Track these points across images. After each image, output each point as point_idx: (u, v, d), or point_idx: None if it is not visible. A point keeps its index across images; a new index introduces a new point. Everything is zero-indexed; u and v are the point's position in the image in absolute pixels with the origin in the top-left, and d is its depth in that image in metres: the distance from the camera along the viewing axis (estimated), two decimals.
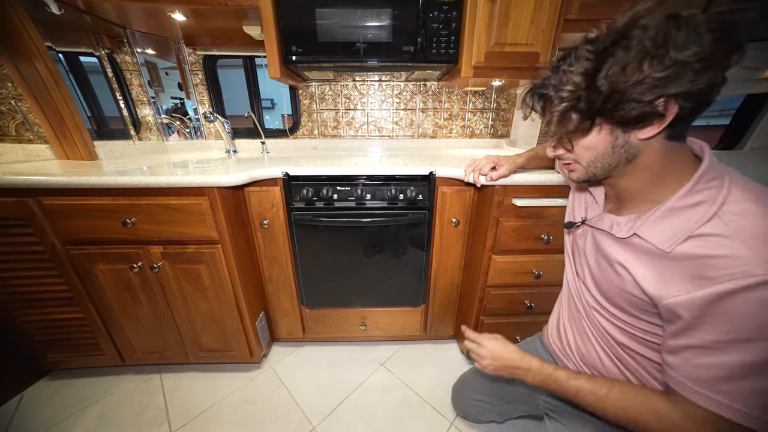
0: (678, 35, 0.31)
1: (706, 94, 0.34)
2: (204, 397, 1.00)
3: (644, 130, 0.37)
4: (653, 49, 0.32)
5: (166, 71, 1.35)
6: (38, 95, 0.93)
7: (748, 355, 0.32)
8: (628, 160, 0.40)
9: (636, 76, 0.33)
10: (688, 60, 0.31)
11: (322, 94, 1.41)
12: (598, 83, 0.35)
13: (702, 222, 0.36)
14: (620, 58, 0.34)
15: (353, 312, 1.12)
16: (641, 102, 0.34)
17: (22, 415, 0.93)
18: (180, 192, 0.81)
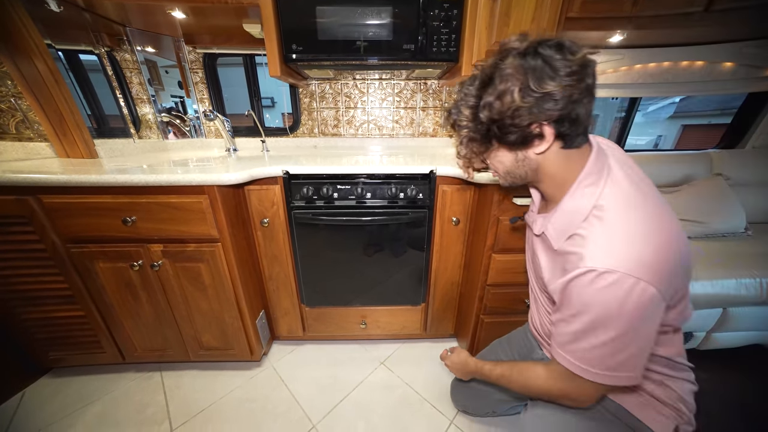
0: (538, 71, 0.38)
1: (575, 115, 0.40)
2: (204, 395, 1.00)
3: (534, 147, 0.44)
4: (521, 85, 0.39)
5: (166, 69, 1.35)
6: (38, 93, 0.93)
7: (577, 325, 0.43)
8: (534, 170, 0.48)
9: (508, 107, 0.40)
10: (549, 90, 0.38)
11: (322, 92, 1.41)
12: (481, 114, 0.44)
13: (579, 223, 0.44)
14: (493, 91, 0.41)
15: (353, 311, 1.12)
16: (519, 127, 0.42)
17: (23, 412, 0.94)
18: (180, 190, 0.81)
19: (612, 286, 0.38)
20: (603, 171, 0.44)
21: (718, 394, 1.03)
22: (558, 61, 0.38)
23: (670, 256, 0.38)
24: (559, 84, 0.38)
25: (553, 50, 0.39)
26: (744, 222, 1.30)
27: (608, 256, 0.39)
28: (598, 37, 1.13)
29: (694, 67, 1.31)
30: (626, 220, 0.40)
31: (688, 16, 0.96)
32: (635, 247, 0.38)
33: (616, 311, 0.38)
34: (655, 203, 0.42)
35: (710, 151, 1.52)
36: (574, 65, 0.38)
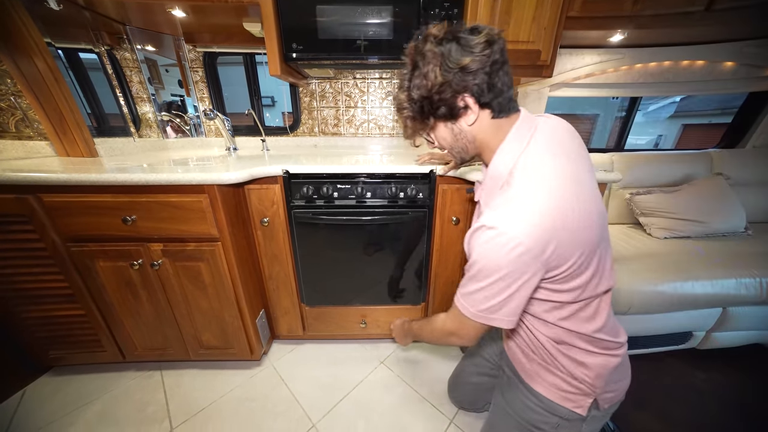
0: (453, 50, 0.44)
1: (493, 84, 0.46)
2: (204, 394, 1.00)
3: (464, 118, 0.49)
4: (440, 63, 0.45)
5: (166, 68, 1.35)
6: (38, 92, 0.93)
7: (469, 271, 0.49)
8: (472, 142, 0.52)
9: (433, 84, 0.46)
10: (465, 64, 0.44)
11: (322, 91, 1.41)
12: (413, 95, 0.49)
13: (498, 189, 0.50)
14: (419, 73, 0.47)
15: (353, 310, 1.12)
16: (445, 101, 0.47)
17: (24, 410, 0.94)
18: (180, 189, 0.81)
19: (491, 240, 0.44)
20: (524, 140, 0.49)
21: (717, 393, 1.03)
22: (469, 40, 0.44)
23: (555, 224, 0.42)
24: (472, 58, 0.43)
25: (465, 32, 0.45)
26: (744, 221, 1.30)
27: (497, 215, 0.45)
28: (599, 36, 1.13)
29: (694, 67, 1.31)
30: (525, 186, 0.45)
31: (689, 15, 0.96)
32: (521, 209, 0.43)
33: (493, 262, 0.45)
34: (565, 177, 0.45)
35: (710, 150, 1.52)
36: (482, 42, 0.44)
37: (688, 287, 1.01)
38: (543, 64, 0.99)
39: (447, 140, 0.53)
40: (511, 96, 0.48)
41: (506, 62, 0.46)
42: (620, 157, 1.49)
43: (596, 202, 0.47)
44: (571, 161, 0.48)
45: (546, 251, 0.43)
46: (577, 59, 1.30)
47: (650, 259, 1.13)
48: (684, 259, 1.12)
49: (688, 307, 1.04)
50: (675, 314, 1.06)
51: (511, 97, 0.48)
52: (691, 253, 1.15)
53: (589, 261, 0.47)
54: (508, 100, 0.48)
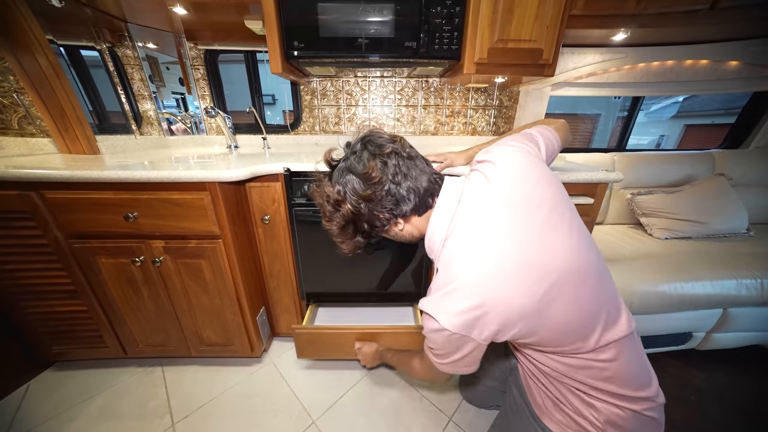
0: (353, 184, 0.50)
1: (401, 196, 0.50)
2: (205, 390, 1.01)
3: (393, 228, 0.55)
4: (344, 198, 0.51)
5: (167, 66, 1.35)
6: (40, 88, 0.93)
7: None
8: (413, 234, 0.56)
9: (348, 214, 0.51)
10: (367, 195, 0.49)
11: (323, 89, 1.41)
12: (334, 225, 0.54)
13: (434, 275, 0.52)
14: (337, 210, 0.52)
15: (349, 334, 0.99)
16: (362, 226, 0.53)
17: (28, 404, 0.95)
18: (181, 187, 0.81)
19: (426, 321, 0.48)
20: (446, 221, 0.50)
21: (717, 394, 1.03)
22: (363, 169, 0.48)
23: (485, 308, 0.42)
24: (373, 190, 0.48)
25: (353, 159, 0.50)
26: (746, 222, 1.29)
27: (428, 302, 0.47)
28: (602, 35, 1.12)
29: (698, 66, 1.30)
30: (450, 273, 0.46)
31: (693, 13, 0.95)
32: (445, 300, 0.45)
33: (432, 339, 0.48)
34: (503, 246, 0.43)
35: (713, 151, 1.51)
36: (376, 166, 0.48)
37: (689, 288, 1.01)
38: (545, 63, 0.99)
39: (390, 236, 0.58)
40: (425, 187, 0.50)
41: (412, 160, 0.50)
42: (621, 157, 1.49)
43: (564, 254, 0.42)
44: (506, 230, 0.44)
45: (476, 332, 0.43)
46: (580, 58, 1.29)
47: (651, 260, 1.13)
48: (685, 259, 1.12)
49: (688, 307, 1.04)
50: (675, 315, 1.06)
51: (425, 188, 0.51)
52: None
53: (574, 324, 0.43)
54: (423, 195, 0.51)
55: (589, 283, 0.44)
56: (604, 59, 1.28)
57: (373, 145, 0.50)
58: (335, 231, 0.54)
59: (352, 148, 0.52)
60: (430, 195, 0.51)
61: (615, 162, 1.48)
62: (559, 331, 0.44)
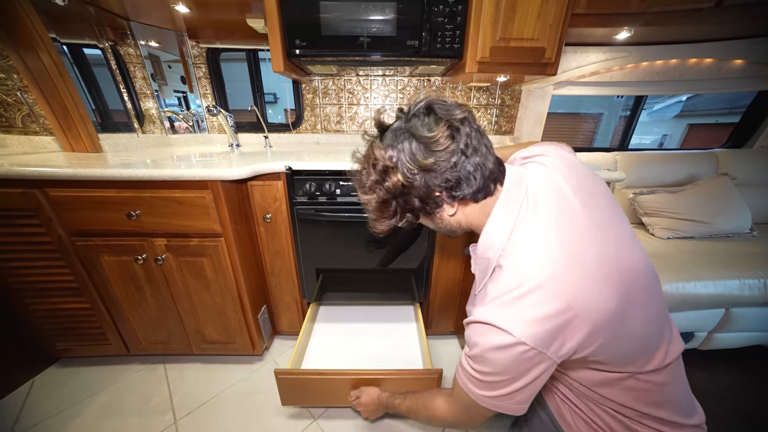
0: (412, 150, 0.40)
1: (465, 175, 0.41)
2: (207, 388, 1.02)
3: (441, 212, 0.45)
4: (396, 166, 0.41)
5: (169, 64, 1.35)
6: (43, 87, 0.94)
7: (469, 352, 0.43)
8: (459, 226, 0.48)
9: (396, 189, 0.42)
10: (428, 165, 0.40)
11: (325, 88, 1.40)
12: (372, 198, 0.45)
13: (488, 271, 0.44)
14: (382, 180, 0.43)
15: (340, 380, 0.86)
16: (412, 206, 0.44)
17: (33, 400, 0.96)
18: (184, 185, 0.81)
19: (488, 337, 0.38)
20: (512, 215, 0.42)
21: (718, 394, 1.03)
22: (429, 138, 0.39)
23: (565, 315, 0.34)
24: (436, 159, 0.39)
25: (421, 122, 0.40)
26: (749, 222, 1.29)
27: (490, 310, 0.38)
28: (605, 33, 1.11)
29: (702, 65, 1.29)
30: (519, 274, 0.38)
31: (697, 12, 0.94)
32: (516, 304, 0.36)
33: (492, 362, 0.38)
34: (573, 249, 0.37)
35: (716, 150, 1.50)
36: (444, 135, 0.39)
37: (691, 288, 1.01)
38: (547, 62, 0.98)
39: (429, 225, 0.51)
40: (491, 168, 0.42)
41: (482, 134, 0.41)
42: (624, 157, 1.48)
43: (630, 249, 0.38)
44: (582, 219, 0.39)
45: (555, 347, 0.35)
46: (582, 57, 1.28)
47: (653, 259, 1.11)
48: (687, 259, 1.11)
49: (690, 307, 1.04)
50: (677, 314, 1.06)
51: (491, 169, 0.42)
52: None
53: (650, 335, 0.38)
54: (488, 177, 0.42)
55: (656, 286, 0.39)
56: (607, 58, 1.28)
57: (442, 108, 0.40)
58: (373, 206, 0.45)
59: (412, 110, 0.42)
60: (493, 180, 0.43)
61: (617, 161, 1.48)
62: (633, 345, 0.38)
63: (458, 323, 1.19)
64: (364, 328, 1.11)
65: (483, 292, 0.43)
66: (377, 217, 0.47)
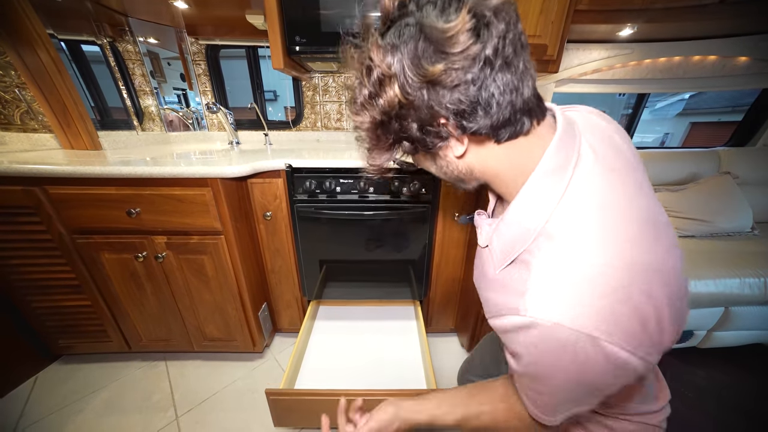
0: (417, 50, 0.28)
1: (485, 99, 0.29)
2: (208, 384, 1.02)
3: (447, 151, 0.34)
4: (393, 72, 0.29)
5: (168, 61, 1.34)
6: (41, 83, 0.93)
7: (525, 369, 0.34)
8: (470, 172, 0.36)
9: (389, 104, 0.30)
10: (434, 77, 0.27)
11: (325, 85, 1.40)
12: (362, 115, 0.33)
13: (527, 241, 0.32)
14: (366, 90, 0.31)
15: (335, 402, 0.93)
16: (407, 129, 0.32)
17: (37, 396, 0.97)
18: (183, 183, 0.81)
19: (557, 343, 0.28)
20: (567, 166, 0.31)
21: (716, 392, 1.04)
22: (442, 30, 0.25)
23: (656, 304, 0.27)
24: (447, 64, 0.26)
25: (432, 8, 0.27)
26: (751, 221, 1.28)
27: (551, 301, 0.28)
28: (608, 30, 1.10)
29: (706, 62, 1.28)
30: (591, 243, 0.28)
31: (703, 8, 0.93)
32: (589, 289, 0.27)
33: (564, 375, 0.30)
34: (640, 214, 0.30)
35: (718, 149, 1.50)
36: (465, 29, 0.25)
37: (691, 286, 1.01)
38: (549, 59, 0.97)
39: (431, 168, 0.39)
40: (527, 97, 0.30)
41: (519, 47, 0.28)
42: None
43: (674, 244, 0.30)
44: (638, 195, 0.31)
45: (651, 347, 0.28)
46: (584, 54, 1.27)
47: None
48: (688, 258, 1.11)
49: (690, 306, 1.04)
50: None
51: (526, 99, 0.30)
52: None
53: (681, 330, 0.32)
54: (521, 109, 0.30)
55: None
56: (609, 55, 1.27)
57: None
58: (366, 128, 0.34)
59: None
60: (528, 114, 0.31)
61: None
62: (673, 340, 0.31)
63: (458, 321, 1.19)
64: (365, 326, 1.12)
65: (519, 272, 0.32)
66: (372, 145, 0.36)
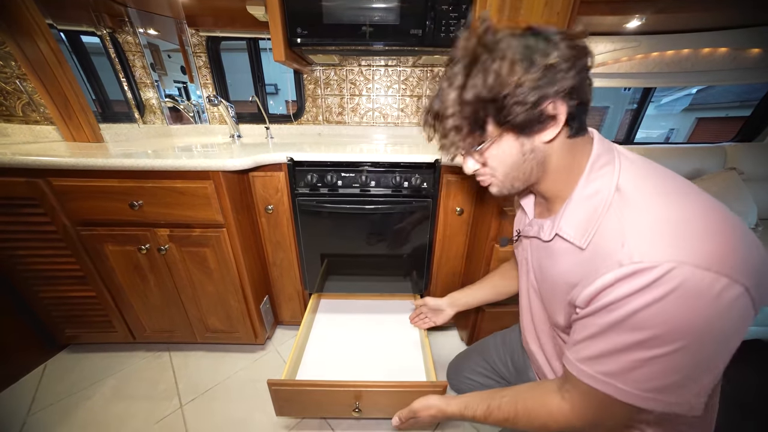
0: (538, 44, 0.34)
1: (583, 91, 0.36)
2: (211, 375, 1.04)
3: (544, 132, 0.37)
4: (521, 57, 0.34)
5: (168, 54, 1.33)
6: (42, 74, 0.93)
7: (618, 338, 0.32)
8: (541, 165, 0.41)
9: (505, 81, 0.34)
10: (554, 62, 0.33)
11: (327, 79, 1.38)
12: (467, 96, 0.36)
13: (603, 211, 0.36)
14: (481, 69, 0.35)
15: (342, 393, 0.82)
16: (525, 104, 0.34)
17: (46, 382, 1.00)
18: (185, 175, 0.81)
19: (673, 287, 0.27)
20: (612, 150, 0.40)
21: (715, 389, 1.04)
22: (550, 34, 0.35)
23: (746, 243, 0.28)
24: (560, 54, 0.33)
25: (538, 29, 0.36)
26: (755, 218, 1.27)
27: (666, 245, 0.28)
28: (615, 22, 1.08)
29: (716, 55, 1.25)
30: (671, 199, 0.32)
31: None
32: (698, 231, 0.28)
33: (687, 321, 0.27)
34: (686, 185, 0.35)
35: (725, 144, 1.48)
36: (569, 40, 0.34)
37: None
38: None
39: (508, 161, 0.40)
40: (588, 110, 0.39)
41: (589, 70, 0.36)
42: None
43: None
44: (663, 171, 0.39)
45: (761, 289, 0.28)
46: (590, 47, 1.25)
47: None
48: None
49: None
50: None
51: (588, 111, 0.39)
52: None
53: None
54: (586, 114, 0.39)
55: None
56: (615, 48, 1.24)
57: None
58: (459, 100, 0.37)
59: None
60: (585, 123, 0.39)
61: None
62: None
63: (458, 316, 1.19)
64: (366, 320, 1.13)
65: (606, 234, 0.35)
66: (453, 125, 0.38)
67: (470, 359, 0.87)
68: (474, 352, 0.86)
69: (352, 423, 0.88)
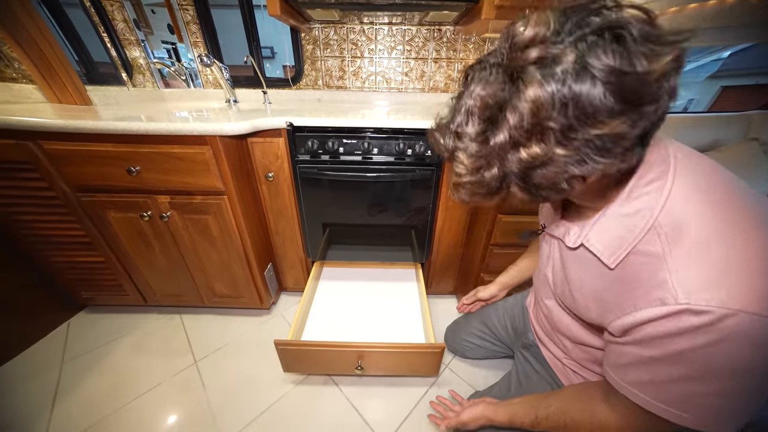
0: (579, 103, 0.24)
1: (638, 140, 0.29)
2: (221, 335, 1.10)
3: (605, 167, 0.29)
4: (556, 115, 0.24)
5: (152, 9, 1.22)
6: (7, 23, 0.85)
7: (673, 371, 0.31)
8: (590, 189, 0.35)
9: (534, 159, 0.27)
10: (603, 132, 0.25)
11: (326, 38, 1.28)
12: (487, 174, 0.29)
13: (640, 233, 0.32)
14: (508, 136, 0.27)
15: (345, 352, 0.86)
16: (551, 181, 0.28)
17: (72, 336, 1.08)
18: (182, 140, 0.78)
19: (733, 338, 0.26)
20: (667, 160, 0.32)
21: None
22: (636, 72, 0.23)
23: None
24: (622, 121, 0.24)
25: (610, 57, 0.22)
26: None
27: (718, 287, 0.26)
28: None
29: None
30: (728, 230, 0.28)
31: None
32: (756, 271, 0.26)
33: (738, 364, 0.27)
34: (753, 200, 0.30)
35: (750, 112, 1.38)
36: (659, 74, 0.23)
37: None
38: None
39: (523, 201, 0.34)
40: None
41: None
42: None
43: None
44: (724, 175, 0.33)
45: None
46: None
47: None
48: None
49: None
50: None
51: None
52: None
53: None
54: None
55: None
56: (647, 0, 1.11)
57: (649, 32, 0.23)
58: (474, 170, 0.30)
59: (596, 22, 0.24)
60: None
61: None
62: None
63: (457, 284, 1.23)
64: (367, 287, 1.16)
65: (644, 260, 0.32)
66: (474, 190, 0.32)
67: (469, 324, 0.91)
68: (473, 317, 0.90)
69: (354, 379, 0.94)
